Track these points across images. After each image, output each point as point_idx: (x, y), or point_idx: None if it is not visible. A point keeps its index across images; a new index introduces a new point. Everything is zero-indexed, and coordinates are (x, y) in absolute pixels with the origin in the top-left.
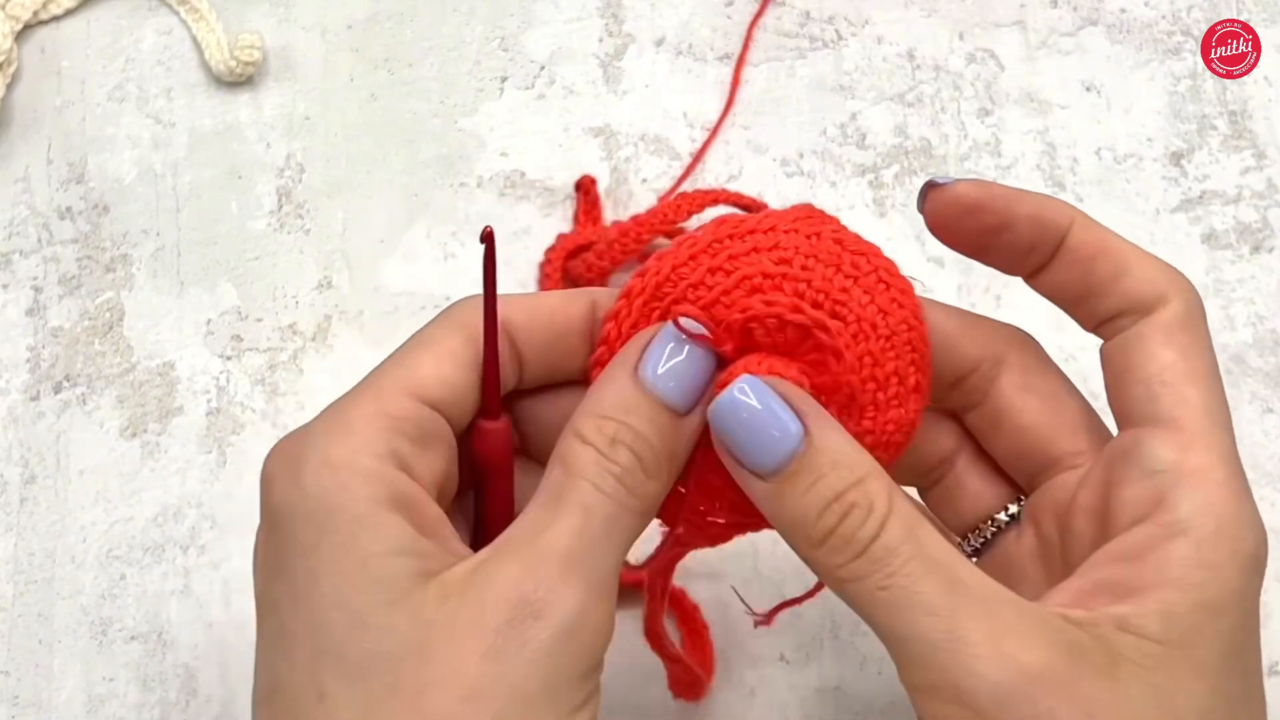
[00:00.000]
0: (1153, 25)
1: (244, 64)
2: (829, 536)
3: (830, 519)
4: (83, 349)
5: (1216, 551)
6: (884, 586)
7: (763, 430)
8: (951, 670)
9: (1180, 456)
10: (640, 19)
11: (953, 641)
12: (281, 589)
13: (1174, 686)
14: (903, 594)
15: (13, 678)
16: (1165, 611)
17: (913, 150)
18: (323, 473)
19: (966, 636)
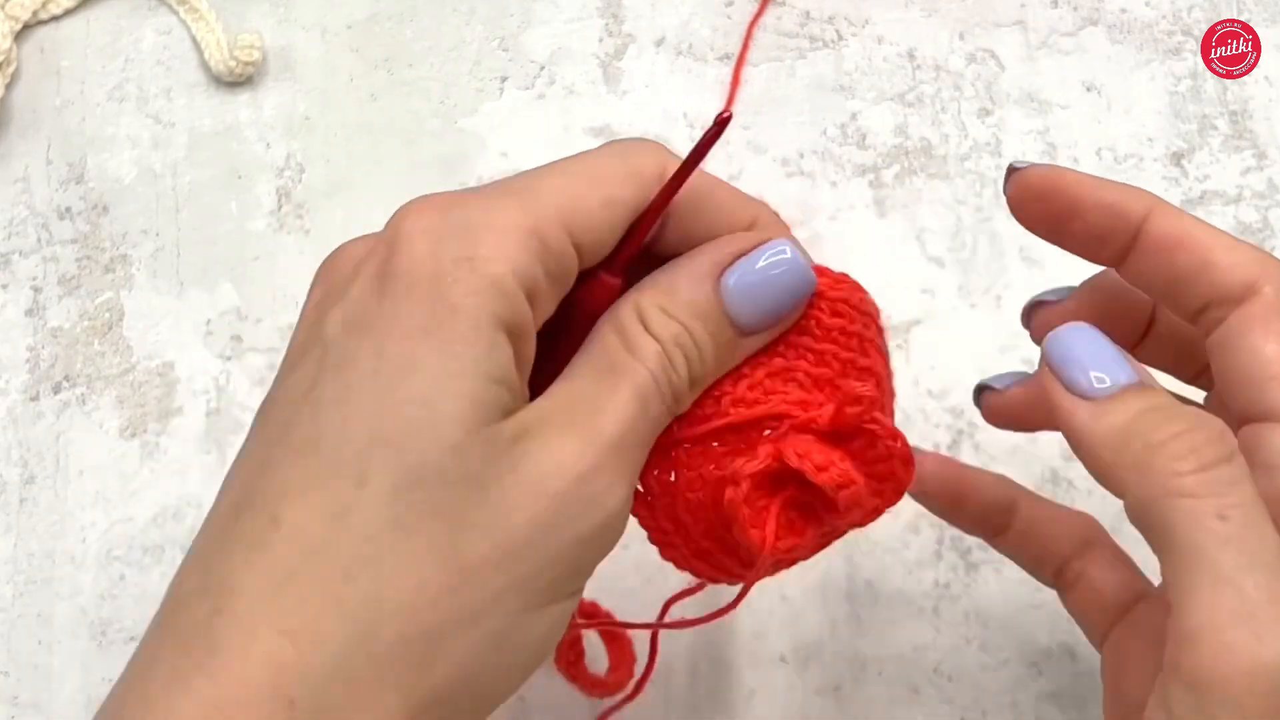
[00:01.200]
0: (1153, 25)
1: (244, 64)
2: (1172, 440)
3: (1177, 425)
4: (82, 349)
5: None
6: (1224, 515)
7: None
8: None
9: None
10: (640, 19)
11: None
12: (368, 348)
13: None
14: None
15: (12, 678)
16: None
17: (913, 150)
18: (463, 266)
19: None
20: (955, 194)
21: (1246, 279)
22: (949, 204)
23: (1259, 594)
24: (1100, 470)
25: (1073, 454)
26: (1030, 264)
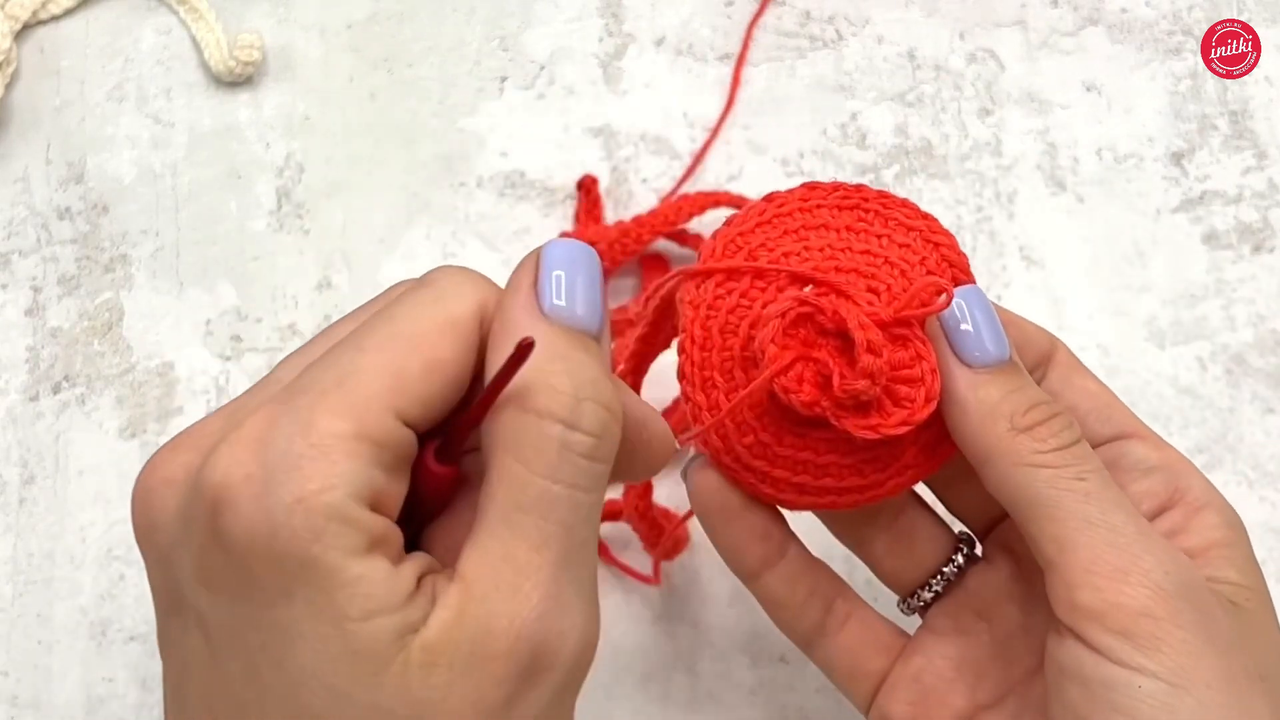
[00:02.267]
0: (1153, 25)
1: (243, 64)
2: (1037, 426)
3: (1038, 414)
4: (82, 349)
5: (1234, 516)
6: (1083, 477)
7: (991, 323)
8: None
9: (1160, 454)
10: (640, 19)
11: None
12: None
13: (1269, 624)
14: (1097, 489)
15: (12, 678)
16: (1233, 563)
17: (913, 150)
18: (296, 513)
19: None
20: (955, 194)
21: (1047, 342)
22: (949, 204)
23: (1127, 528)
24: (964, 434)
25: None
26: (1030, 264)
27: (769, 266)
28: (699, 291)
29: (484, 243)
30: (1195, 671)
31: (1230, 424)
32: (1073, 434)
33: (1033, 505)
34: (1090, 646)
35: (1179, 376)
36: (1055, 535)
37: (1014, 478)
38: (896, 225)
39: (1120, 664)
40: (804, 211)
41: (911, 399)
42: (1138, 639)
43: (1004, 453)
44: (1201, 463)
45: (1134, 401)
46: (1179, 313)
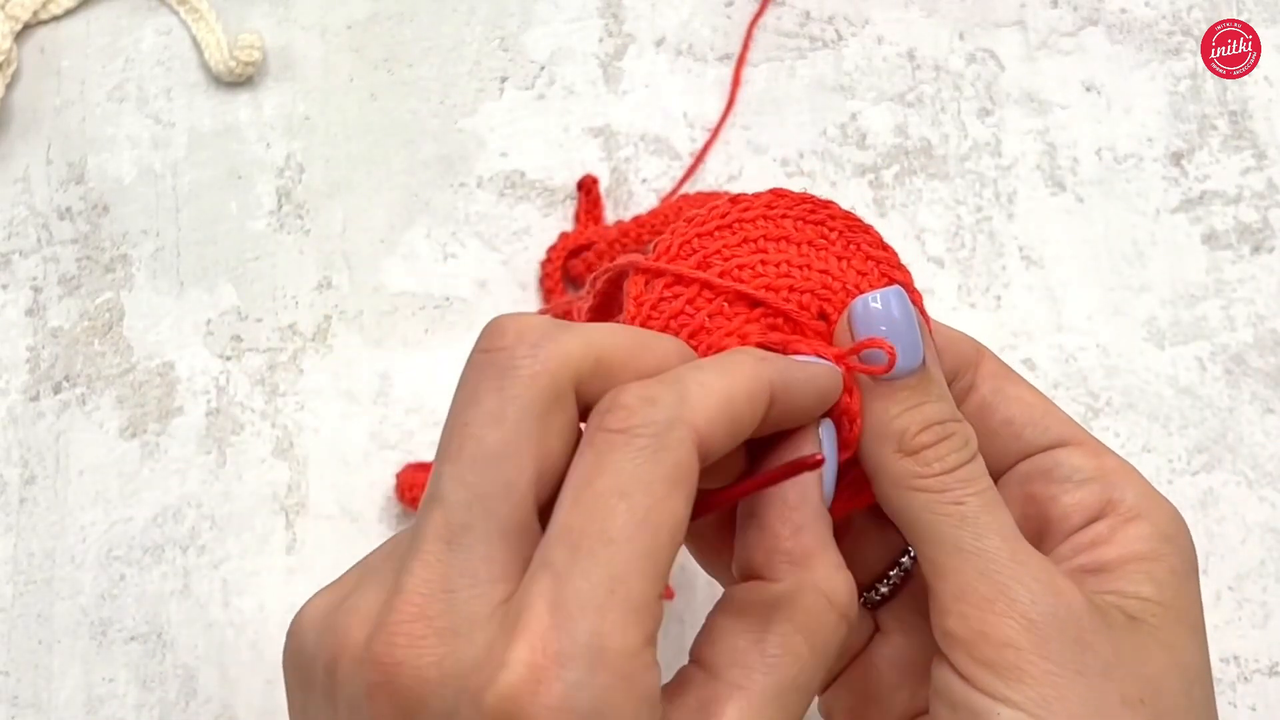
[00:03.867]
0: (1153, 25)
1: (244, 64)
2: (924, 450)
3: (929, 437)
4: (82, 349)
5: (1169, 527)
6: (960, 501)
7: (899, 338)
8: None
9: (1097, 463)
10: (640, 19)
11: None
12: None
13: (1176, 642)
14: (974, 514)
15: (12, 678)
16: (1150, 577)
17: (913, 150)
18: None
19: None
20: (955, 194)
21: (972, 349)
22: (949, 204)
23: (1000, 555)
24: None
25: None
26: (1030, 264)
27: (719, 281)
28: (646, 289)
29: (484, 243)
30: (1059, 702)
31: (1230, 424)
32: (962, 455)
33: (911, 528)
34: (959, 674)
35: (1179, 376)
36: (930, 559)
37: (896, 499)
38: (856, 251)
39: (984, 693)
40: (767, 220)
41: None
42: (1000, 669)
43: (887, 473)
44: (1201, 463)
45: (1133, 402)
46: (1179, 313)
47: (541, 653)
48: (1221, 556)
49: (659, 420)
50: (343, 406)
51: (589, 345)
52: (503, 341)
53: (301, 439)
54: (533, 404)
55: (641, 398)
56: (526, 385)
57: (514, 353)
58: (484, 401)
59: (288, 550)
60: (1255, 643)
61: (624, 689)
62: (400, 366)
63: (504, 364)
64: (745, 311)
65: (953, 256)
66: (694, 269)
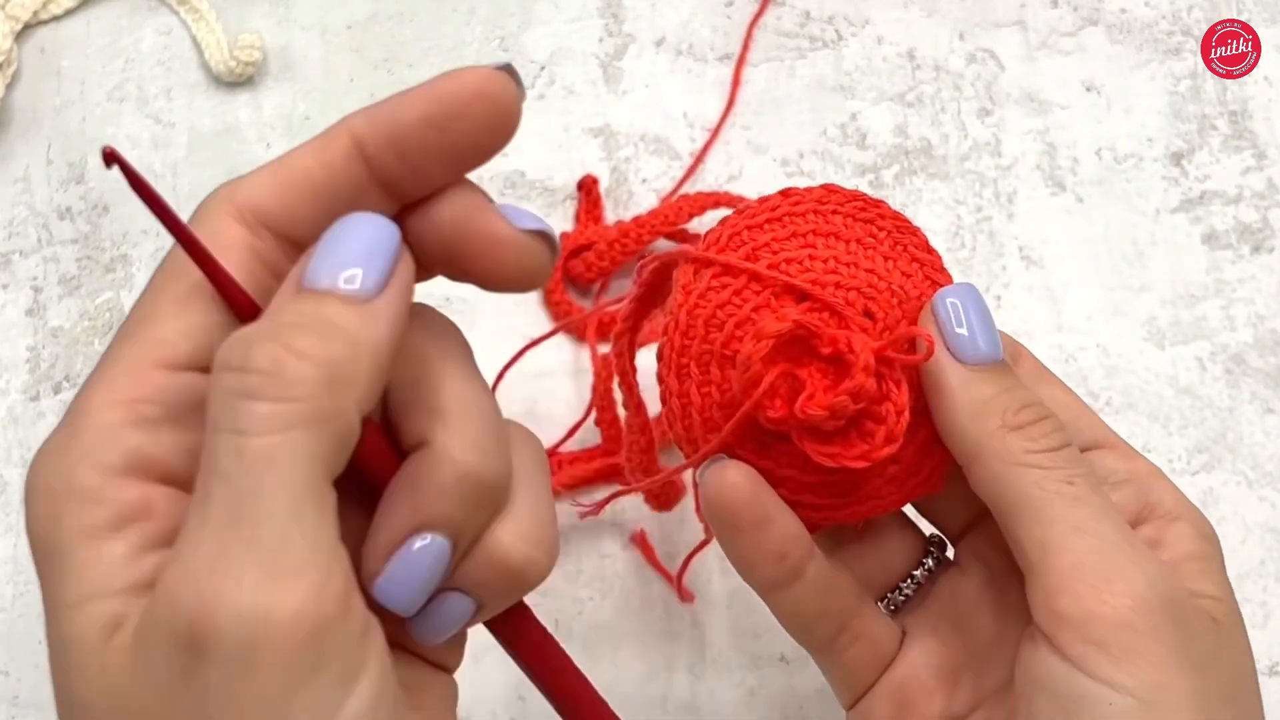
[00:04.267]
0: (1153, 25)
1: (244, 64)
2: (1028, 426)
3: (1030, 415)
4: (83, 349)
5: (1205, 527)
6: (1072, 481)
7: (980, 327)
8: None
9: (1130, 465)
10: (640, 19)
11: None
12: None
13: (1246, 642)
14: (1086, 494)
15: (13, 678)
16: (1210, 577)
17: (913, 150)
18: (42, 503)
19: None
20: (955, 194)
21: (1013, 347)
22: (949, 204)
23: (1113, 536)
24: (954, 429)
25: None
26: (1030, 264)
27: (768, 273)
28: (695, 278)
29: None
30: (1169, 690)
31: (1230, 424)
32: (1063, 437)
33: (1019, 506)
34: (1064, 657)
35: (1179, 376)
36: (1040, 538)
37: (1003, 477)
38: (903, 252)
39: (1093, 677)
40: (818, 215)
41: (873, 435)
42: (1114, 651)
43: (995, 451)
44: (1201, 463)
45: (1133, 402)
46: (1178, 313)
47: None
48: None
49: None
50: None
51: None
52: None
53: None
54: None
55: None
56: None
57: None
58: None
59: None
60: (1255, 643)
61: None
62: None
63: None
64: (791, 305)
65: (953, 256)
66: (743, 260)
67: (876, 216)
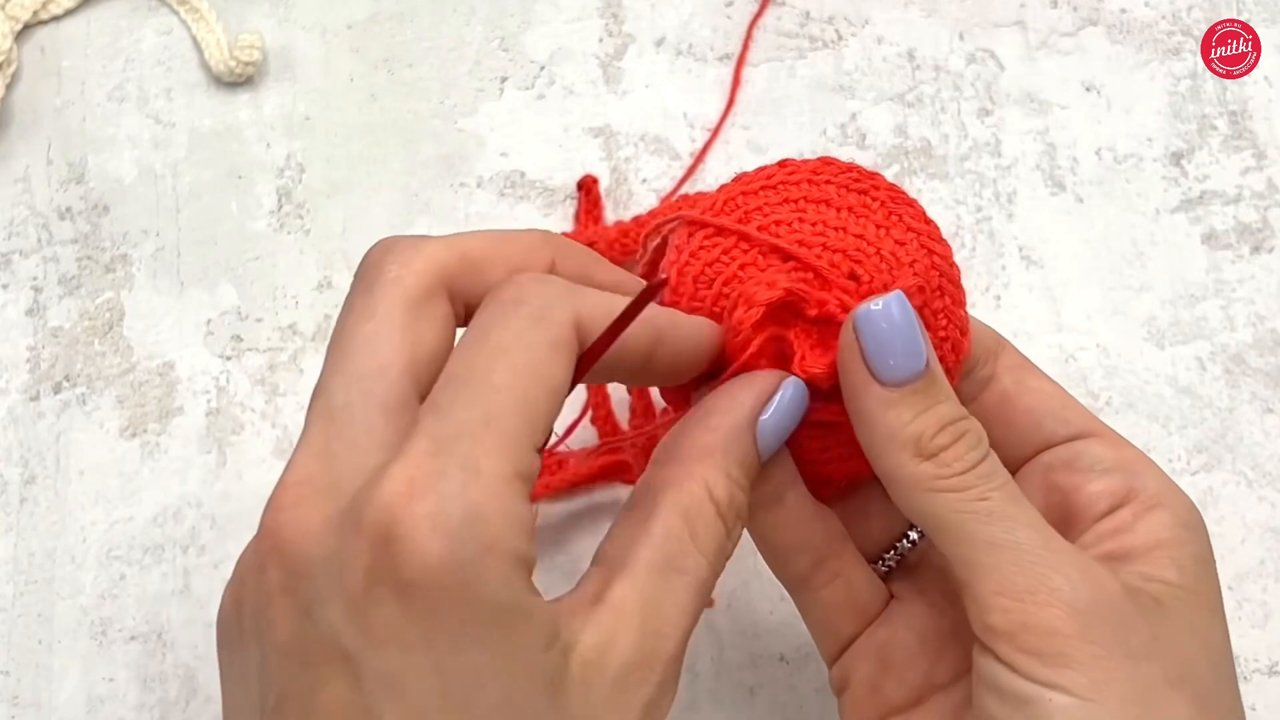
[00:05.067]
0: (1153, 25)
1: (244, 64)
2: (942, 452)
3: (945, 438)
4: (83, 349)
5: (1189, 515)
6: (985, 497)
7: (901, 344)
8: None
9: (1117, 454)
10: (640, 19)
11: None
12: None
13: (1199, 623)
14: (1001, 508)
15: (13, 678)
16: (1174, 562)
17: (913, 150)
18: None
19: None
20: (955, 194)
21: (995, 339)
22: (949, 204)
23: (1033, 545)
24: (871, 453)
25: None
26: (1030, 264)
27: (756, 234)
28: (688, 239)
29: None
30: (1108, 685)
31: (1230, 424)
32: (979, 452)
33: (939, 529)
34: (1004, 664)
35: (1178, 376)
36: (964, 557)
37: (917, 504)
38: (897, 222)
39: (1033, 680)
40: (811, 184)
41: None
42: (1047, 657)
43: (905, 480)
44: (1201, 463)
45: (1133, 402)
46: (1178, 313)
47: (418, 468)
48: (1221, 556)
49: (546, 295)
50: None
51: (451, 246)
52: (369, 260)
53: None
54: (399, 299)
55: (534, 278)
56: (392, 285)
57: (381, 264)
58: (356, 305)
59: None
60: (1255, 643)
61: (493, 505)
62: None
63: (372, 276)
64: (777, 264)
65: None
66: (735, 224)
67: (871, 188)
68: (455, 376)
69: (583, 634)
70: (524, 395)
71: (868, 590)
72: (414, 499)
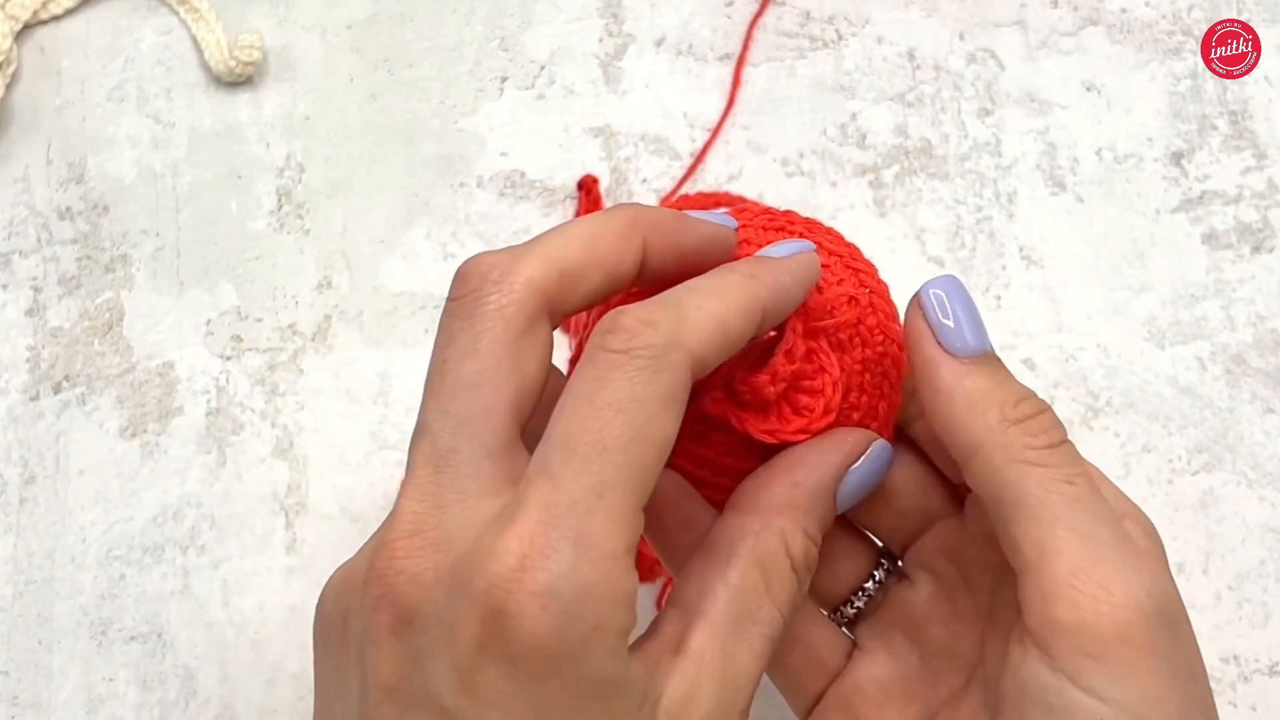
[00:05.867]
0: (1153, 25)
1: (244, 64)
2: (1028, 420)
3: (1028, 407)
4: (82, 349)
5: (1148, 524)
6: (1073, 481)
7: (967, 318)
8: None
9: None
10: (640, 19)
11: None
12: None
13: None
14: (1087, 496)
15: (12, 678)
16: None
17: (913, 150)
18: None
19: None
20: (955, 194)
21: None
22: (949, 204)
23: (1113, 541)
24: (951, 423)
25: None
26: (1030, 264)
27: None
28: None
29: (484, 243)
30: (1160, 703)
31: (1230, 424)
32: (1061, 432)
33: (1018, 504)
34: (1057, 668)
35: (1179, 376)
36: (1038, 539)
37: (1003, 472)
38: (819, 248)
39: (1086, 691)
40: None
41: (811, 408)
42: (1109, 665)
43: (995, 445)
44: (1201, 463)
45: (1133, 402)
46: (1179, 313)
47: (529, 544)
48: (1221, 556)
49: (657, 343)
50: (343, 406)
51: (549, 263)
52: (468, 285)
53: (301, 439)
54: (504, 333)
55: (641, 320)
56: (495, 318)
57: (480, 292)
58: (458, 339)
59: (288, 550)
60: (1255, 643)
61: (603, 583)
62: (400, 366)
63: (472, 304)
64: None
65: (953, 256)
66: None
67: (786, 223)
68: (569, 438)
69: (667, 685)
70: (636, 459)
71: (828, 646)
72: (525, 574)
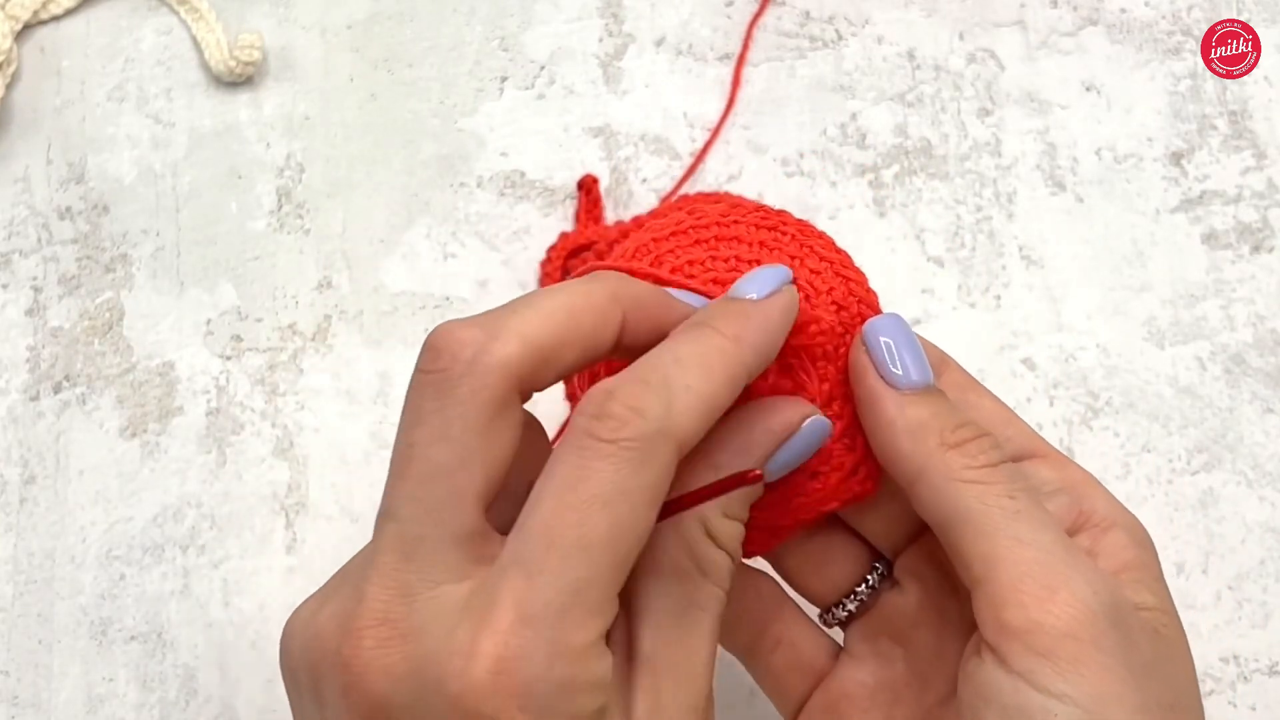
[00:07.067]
0: (1153, 25)
1: (244, 64)
2: (966, 444)
3: (966, 433)
4: (82, 349)
5: (1140, 533)
6: (1013, 495)
7: (909, 353)
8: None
9: (1063, 474)
10: (640, 19)
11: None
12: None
13: (1186, 651)
14: (1027, 509)
15: (12, 678)
16: (1144, 585)
17: (913, 150)
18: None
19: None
20: (955, 194)
21: (939, 356)
22: (948, 204)
23: (1056, 547)
24: (896, 454)
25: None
26: (1030, 263)
27: (668, 277)
28: None
29: (484, 243)
30: (1112, 700)
31: (1230, 424)
32: (999, 454)
33: (962, 521)
34: (1010, 670)
35: (1178, 376)
36: (984, 552)
37: (945, 493)
38: (810, 253)
39: (1039, 689)
40: (721, 225)
41: None
42: (1059, 662)
43: (936, 469)
44: (1201, 463)
45: (1133, 402)
46: (1178, 313)
47: (504, 646)
48: (1221, 556)
49: (647, 433)
50: (343, 406)
51: (525, 342)
52: (439, 362)
53: (301, 439)
54: (476, 420)
55: (631, 408)
56: (468, 403)
57: (451, 372)
58: (429, 421)
59: (288, 550)
60: (1255, 643)
61: (579, 676)
62: (400, 366)
63: (443, 385)
64: None
65: (952, 256)
66: (649, 268)
67: (779, 224)
68: (549, 530)
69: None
70: (618, 556)
71: (813, 649)
72: (502, 677)
